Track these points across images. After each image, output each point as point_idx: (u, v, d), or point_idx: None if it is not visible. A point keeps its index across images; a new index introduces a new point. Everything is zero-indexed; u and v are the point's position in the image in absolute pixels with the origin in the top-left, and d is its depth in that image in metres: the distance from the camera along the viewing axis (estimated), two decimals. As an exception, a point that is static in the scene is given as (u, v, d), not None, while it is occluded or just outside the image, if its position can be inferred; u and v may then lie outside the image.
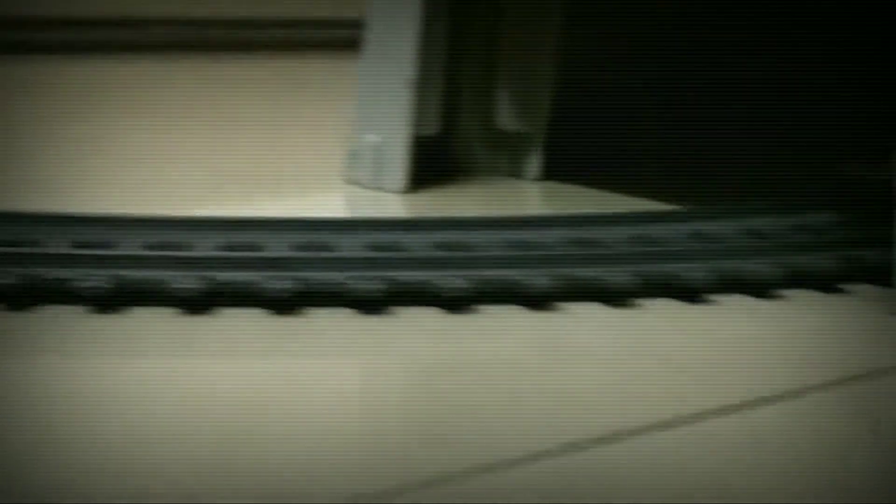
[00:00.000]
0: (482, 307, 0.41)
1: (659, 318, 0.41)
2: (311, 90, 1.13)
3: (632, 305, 0.42)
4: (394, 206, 0.59)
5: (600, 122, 0.68)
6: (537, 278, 0.42)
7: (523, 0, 0.64)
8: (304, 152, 0.74)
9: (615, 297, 0.42)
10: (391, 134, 0.61)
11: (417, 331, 0.39)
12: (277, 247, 0.44)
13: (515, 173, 0.66)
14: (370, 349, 0.38)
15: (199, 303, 0.40)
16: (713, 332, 0.40)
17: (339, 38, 1.42)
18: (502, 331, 0.39)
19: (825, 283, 0.45)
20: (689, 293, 0.43)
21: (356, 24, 0.71)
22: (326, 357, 0.38)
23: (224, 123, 0.89)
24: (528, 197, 0.63)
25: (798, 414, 0.33)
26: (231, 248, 0.44)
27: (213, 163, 0.71)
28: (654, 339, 0.40)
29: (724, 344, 0.39)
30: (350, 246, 0.45)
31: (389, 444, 0.30)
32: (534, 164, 0.65)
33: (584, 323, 0.41)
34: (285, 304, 0.40)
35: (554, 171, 0.65)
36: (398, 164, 0.61)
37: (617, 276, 0.42)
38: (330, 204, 0.60)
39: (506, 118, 0.65)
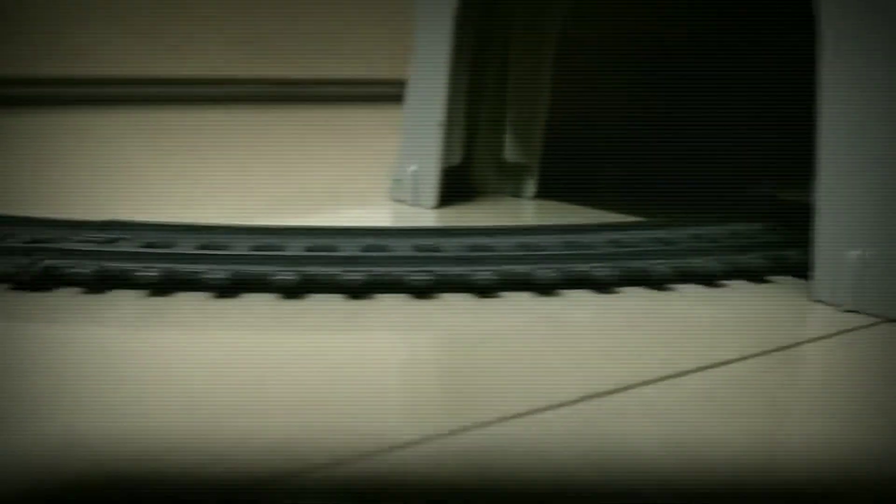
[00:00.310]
0: (504, 293, 0.41)
1: (634, 301, 0.41)
2: (363, 132, 1.13)
3: (613, 292, 0.42)
4: (429, 218, 0.59)
5: (581, 155, 0.67)
6: (543, 271, 0.41)
7: (523, 66, 0.64)
8: (360, 178, 0.74)
9: (601, 285, 0.42)
10: (426, 164, 0.61)
11: (457, 311, 0.39)
12: (350, 248, 0.44)
13: (517, 193, 0.66)
14: (422, 324, 0.38)
15: (294, 290, 0.40)
16: (675, 312, 0.40)
17: (378, 94, 1.43)
18: (519, 310, 0.39)
19: (757, 275, 0.45)
20: (656, 283, 0.43)
21: (394, 83, 0.71)
22: (390, 330, 0.38)
23: (298, 157, 0.89)
24: (527, 211, 0.62)
25: (744, 374, 0.33)
26: (315, 249, 0.44)
27: (289, 186, 0.71)
28: (632, 317, 0.39)
29: (684, 321, 0.39)
30: (403, 247, 0.45)
31: (439, 393, 0.30)
32: (531, 186, 0.65)
33: (579, 305, 0.40)
34: (358, 291, 0.40)
35: (545, 192, 0.65)
36: (432, 186, 0.60)
37: (602, 270, 0.42)
38: (381, 216, 0.60)
39: (510, 152, 0.65)
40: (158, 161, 0.82)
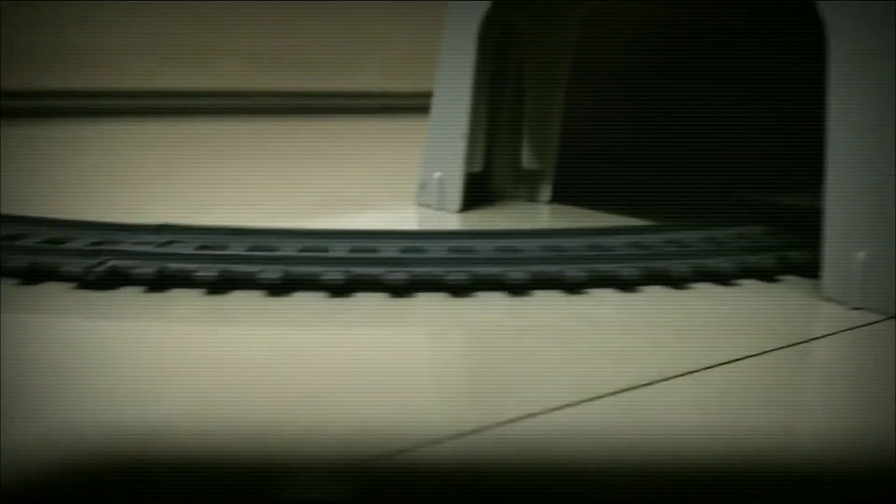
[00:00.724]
0: (535, 291, 0.41)
1: (656, 299, 0.41)
2: (391, 141, 1.13)
3: (637, 290, 0.42)
4: (453, 221, 0.59)
5: (591, 163, 0.68)
6: (570, 271, 0.42)
7: (538, 79, 0.64)
8: (388, 184, 0.74)
9: (625, 284, 0.42)
10: (451, 171, 0.61)
11: (493, 308, 0.39)
12: (390, 250, 0.44)
13: (532, 198, 0.66)
14: (462, 321, 0.38)
15: (342, 289, 0.40)
16: (694, 309, 0.40)
17: (401, 105, 1.44)
18: (550, 307, 0.40)
19: (767, 274, 0.45)
20: (675, 282, 0.43)
21: (417, 95, 0.71)
22: (433, 326, 0.38)
23: (321, 165, 0.89)
24: (545, 215, 0.62)
25: (768, 367, 0.33)
26: (358, 250, 0.44)
27: (317, 191, 0.71)
28: (656, 313, 0.39)
29: (705, 317, 0.39)
30: (438, 249, 0.45)
31: (488, 385, 0.30)
32: (546, 191, 0.65)
33: (606, 302, 0.41)
34: (400, 290, 0.40)
35: (559, 197, 0.65)
36: (456, 192, 0.61)
37: (625, 270, 0.42)
38: (409, 219, 0.60)
39: (527, 160, 0.65)
40: (188, 168, 0.82)
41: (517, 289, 0.41)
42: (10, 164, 0.78)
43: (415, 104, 1.35)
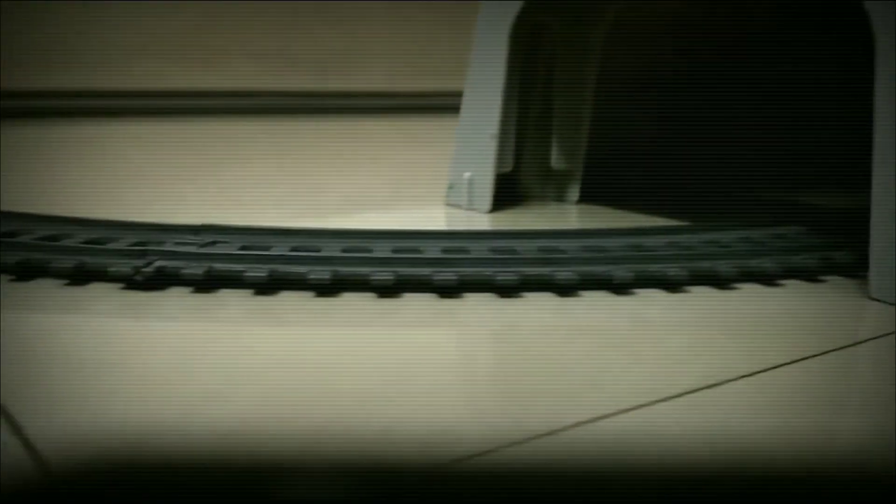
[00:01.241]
0: (583, 292, 0.41)
1: (702, 300, 0.41)
2: (405, 141, 1.13)
3: (683, 290, 0.42)
4: (483, 221, 0.59)
5: (619, 163, 0.68)
6: (617, 272, 0.41)
7: (568, 81, 0.64)
8: (411, 183, 0.74)
9: (671, 285, 0.42)
10: (481, 171, 0.61)
11: (542, 308, 0.39)
12: (433, 250, 0.44)
13: (560, 198, 0.66)
14: (514, 321, 0.37)
15: (391, 290, 0.40)
16: (742, 309, 0.40)
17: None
18: (599, 308, 0.39)
19: (811, 275, 0.45)
20: (719, 282, 0.43)
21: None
22: (484, 327, 0.37)
23: (348, 165, 0.89)
24: (575, 215, 0.62)
25: (828, 368, 0.33)
26: (402, 251, 0.44)
27: (346, 191, 0.70)
28: (703, 314, 0.39)
29: (755, 318, 0.39)
30: (481, 250, 0.45)
31: (545, 383, 0.30)
32: (574, 191, 0.65)
33: (653, 303, 0.40)
34: (449, 290, 0.40)
35: (586, 197, 0.65)
36: (486, 192, 0.60)
37: (671, 270, 0.42)
38: (441, 219, 0.59)
39: (556, 160, 0.65)
40: (212, 168, 0.82)
41: (565, 289, 0.41)
42: (34, 165, 0.77)
43: (423, 104, 1.35)
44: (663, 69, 0.68)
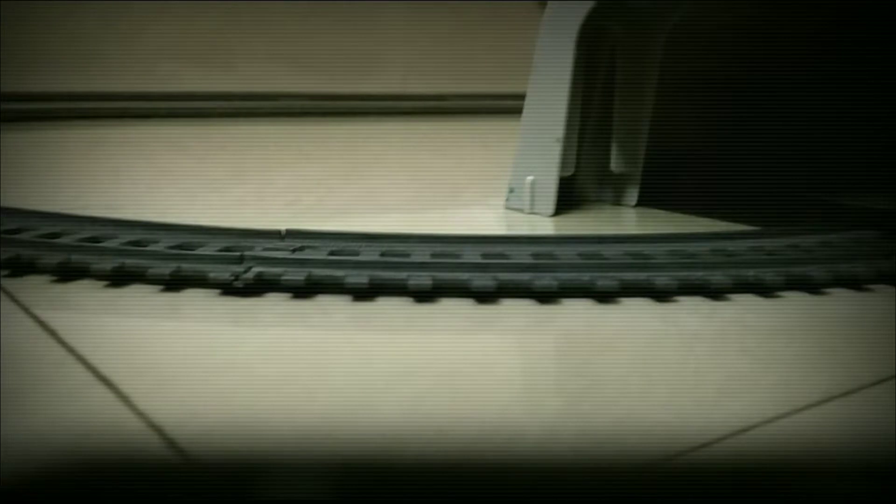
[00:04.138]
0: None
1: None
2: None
3: (777, 296, 0.42)
4: (548, 225, 0.59)
5: (677, 166, 0.68)
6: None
7: (629, 84, 0.64)
8: (462, 187, 0.74)
9: (766, 290, 0.42)
10: (544, 175, 0.61)
11: (641, 314, 0.39)
12: (521, 256, 0.44)
13: (618, 202, 0.66)
14: (617, 328, 0.37)
15: (491, 296, 0.39)
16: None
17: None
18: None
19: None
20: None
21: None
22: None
23: (388, 167, 0.89)
24: (637, 219, 0.62)
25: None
26: (491, 256, 0.43)
27: (405, 194, 0.70)
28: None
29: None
30: (569, 255, 0.44)
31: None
32: (633, 195, 0.65)
33: (750, 308, 0.40)
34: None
35: (644, 200, 0.65)
36: (550, 196, 0.60)
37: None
38: (500, 224, 0.59)
39: (616, 163, 0.65)
40: (250, 171, 0.82)
41: (664, 294, 0.41)
42: (80, 167, 0.77)
43: (444, 107, 1.34)
44: (723, 72, 0.68)
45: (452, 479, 0.23)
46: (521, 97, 0.61)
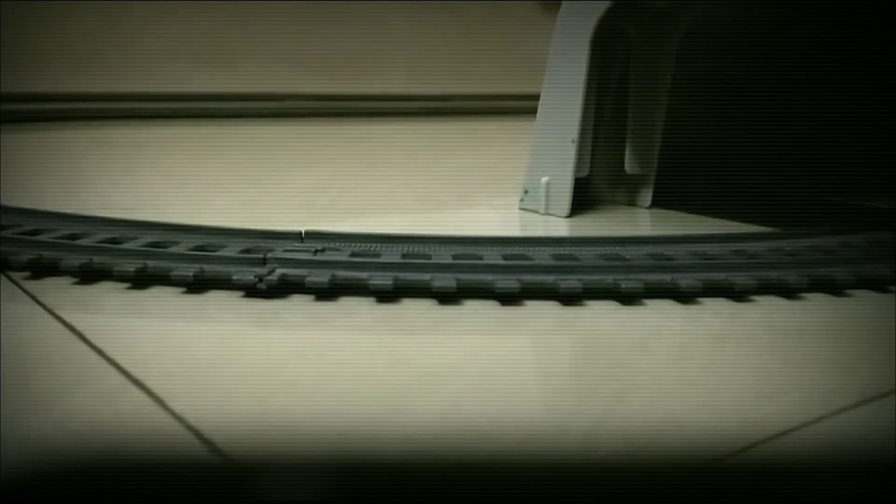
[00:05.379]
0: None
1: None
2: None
3: (799, 298, 0.42)
4: (563, 226, 0.59)
5: (691, 167, 0.68)
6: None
7: (643, 85, 0.64)
8: (474, 187, 0.74)
9: (790, 291, 0.42)
10: (559, 176, 0.61)
11: (666, 316, 0.39)
12: (542, 257, 0.44)
13: (632, 203, 0.66)
14: (643, 329, 0.37)
15: (516, 297, 0.39)
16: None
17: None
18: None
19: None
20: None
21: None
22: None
23: (395, 167, 0.88)
24: (651, 220, 0.62)
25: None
26: (512, 257, 0.43)
27: (419, 193, 0.70)
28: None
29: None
30: (590, 257, 0.44)
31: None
32: (647, 196, 0.65)
33: (776, 311, 0.40)
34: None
35: (658, 201, 0.65)
36: (565, 197, 0.60)
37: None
38: (516, 225, 0.59)
39: (630, 164, 0.65)
40: (267, 172, 0.82)
41: (687, 296, 0.41)
42: (89, 168, 0.77)
43: (448, 107, 1.34)
44: (737, 73, 0.68)
45: (499, 481, 0.23)
46: (524, 97, 0.62)
